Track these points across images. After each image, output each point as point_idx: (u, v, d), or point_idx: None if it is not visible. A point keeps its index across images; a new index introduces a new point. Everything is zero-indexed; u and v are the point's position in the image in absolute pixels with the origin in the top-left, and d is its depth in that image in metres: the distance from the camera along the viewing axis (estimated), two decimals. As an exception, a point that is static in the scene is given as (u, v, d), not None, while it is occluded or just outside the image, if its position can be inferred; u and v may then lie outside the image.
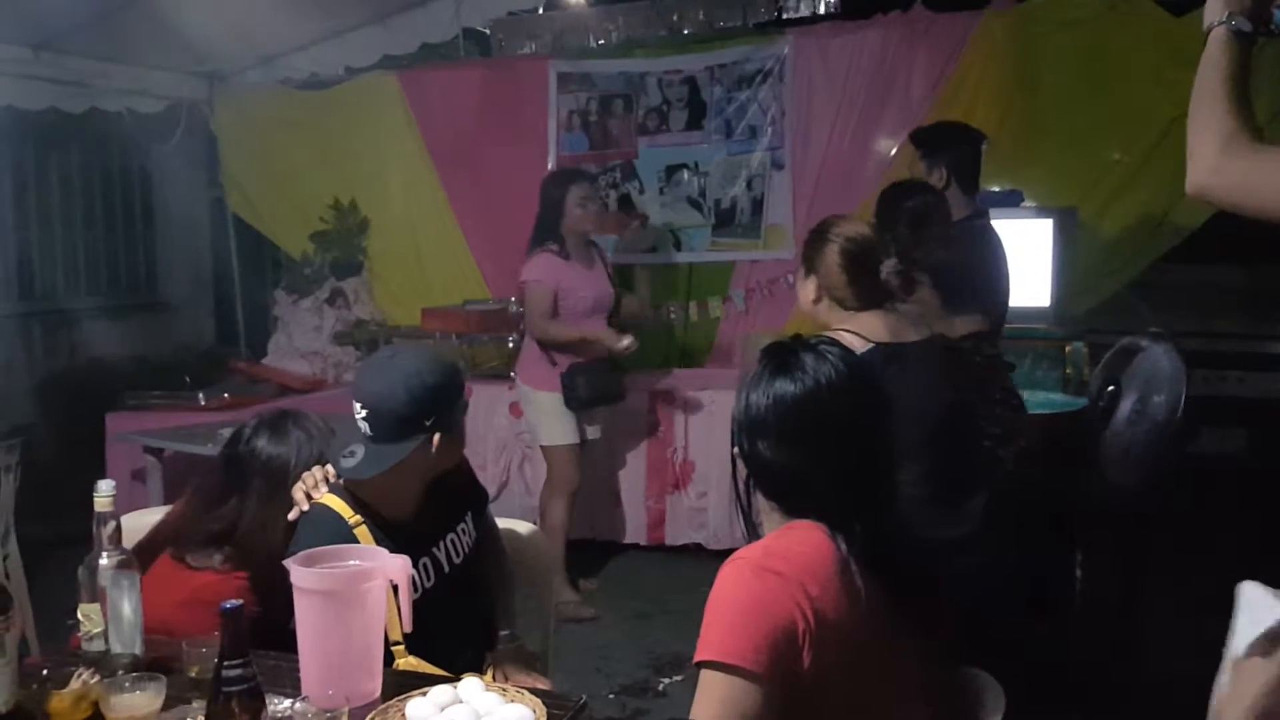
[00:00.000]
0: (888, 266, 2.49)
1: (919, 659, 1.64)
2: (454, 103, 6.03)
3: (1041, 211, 4.64)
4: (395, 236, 6.28)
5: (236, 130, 6.39)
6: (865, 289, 2.45)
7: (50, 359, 6.53)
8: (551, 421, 4.49)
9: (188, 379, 5.38)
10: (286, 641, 1.86)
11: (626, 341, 4.38)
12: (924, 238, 2.86)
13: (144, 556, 2.11)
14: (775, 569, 1.52)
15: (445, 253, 6.19)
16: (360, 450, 2.03)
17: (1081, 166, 4.94)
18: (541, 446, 4.61)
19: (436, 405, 2.06)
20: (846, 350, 1.71)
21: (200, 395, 5.16)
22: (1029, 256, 4.25)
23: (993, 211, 4.36)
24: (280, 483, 2.17)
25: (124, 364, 5.95)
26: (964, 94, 5.06)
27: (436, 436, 2.06)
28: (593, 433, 4.64)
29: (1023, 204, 4.75)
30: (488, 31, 6.27)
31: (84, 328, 6.86)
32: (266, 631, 1.84)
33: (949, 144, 3.49)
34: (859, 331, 2.37)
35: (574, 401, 4.44)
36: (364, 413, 2.03)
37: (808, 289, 2.52)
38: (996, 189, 4.69)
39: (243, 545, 2.14)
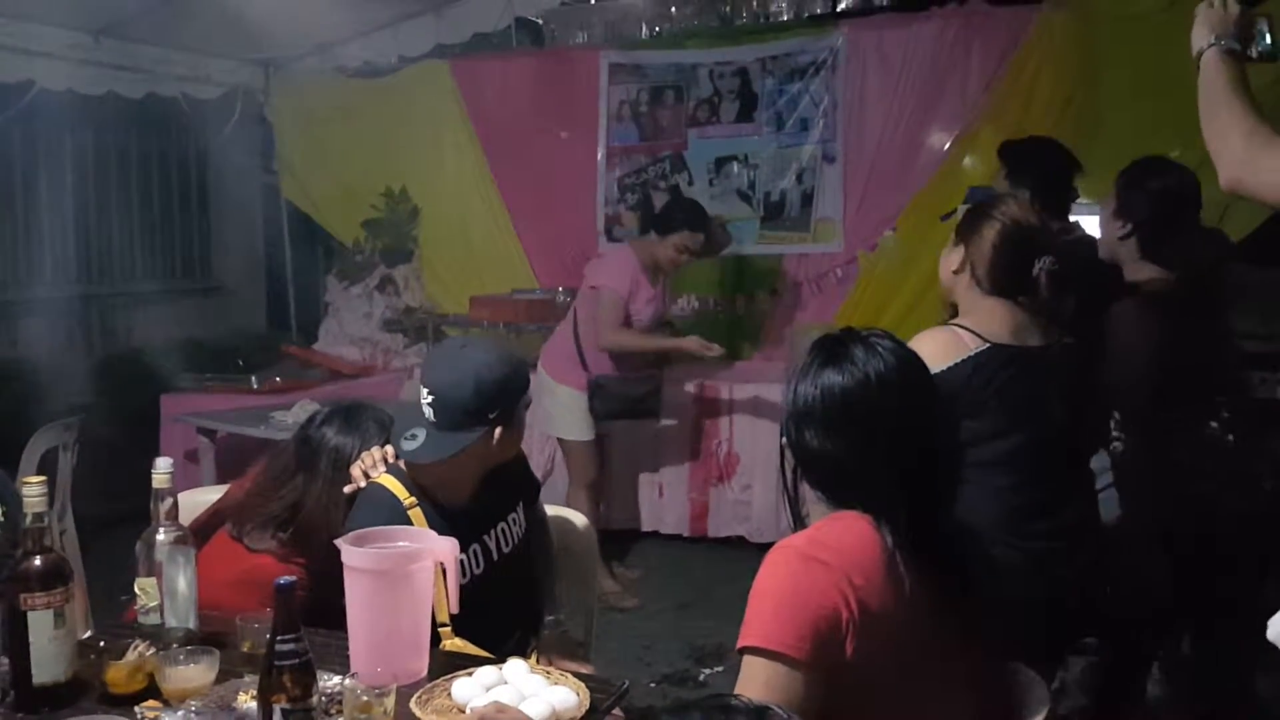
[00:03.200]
0: (1043, 262, 2.33)
1: (964, 652, 1.63)
2: (505, 92, 6.06)
3: (1095, 209, 4.56)
4: (445, 225, 6.33)
5: (291, 117, 6.47)
6: (1010, 277, 2.33)
7: (107, 341, 6.66)
8: (571, 416, 4.46)
9: (241, 362, 5.46)
10: (335, 623, 1.89)
11: (715, 351, 4.35)
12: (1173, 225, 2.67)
13: (203, 531, 2.16)
14: (820, 558, 1.52)
15: (494, 242, 6.22)
16: (422, 434, 2.05)
17: (1141, 164, 4.84)
18: (559, 439, 4.59)
19: (501, 399, 2.08)
20: (899, 344, 1.69)
21: (253, 379, 5.25)
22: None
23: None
24: (346, 470, 2.20)
25: (178, 347, 6.05)
26: (1020, 89, 4.99)
27: (498, 430, 2.09)
28: (603, 428, 4.60)
29: (1077, 201, 4.67)
30: (540, 21, 6.30)
31: (140, 311, 6.99)
32: (315, 616, 1.86)
33: (1035, 162, 3.19)
34: (976, 329, 2.29)
35: (598, 409, 4.44)
36: (430, 398, 2.05)
37: (953, 258, 2.40)
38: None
39: (304, 527, 2.17)
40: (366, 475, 2.16)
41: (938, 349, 2.22)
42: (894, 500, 1.58)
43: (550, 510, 2.57)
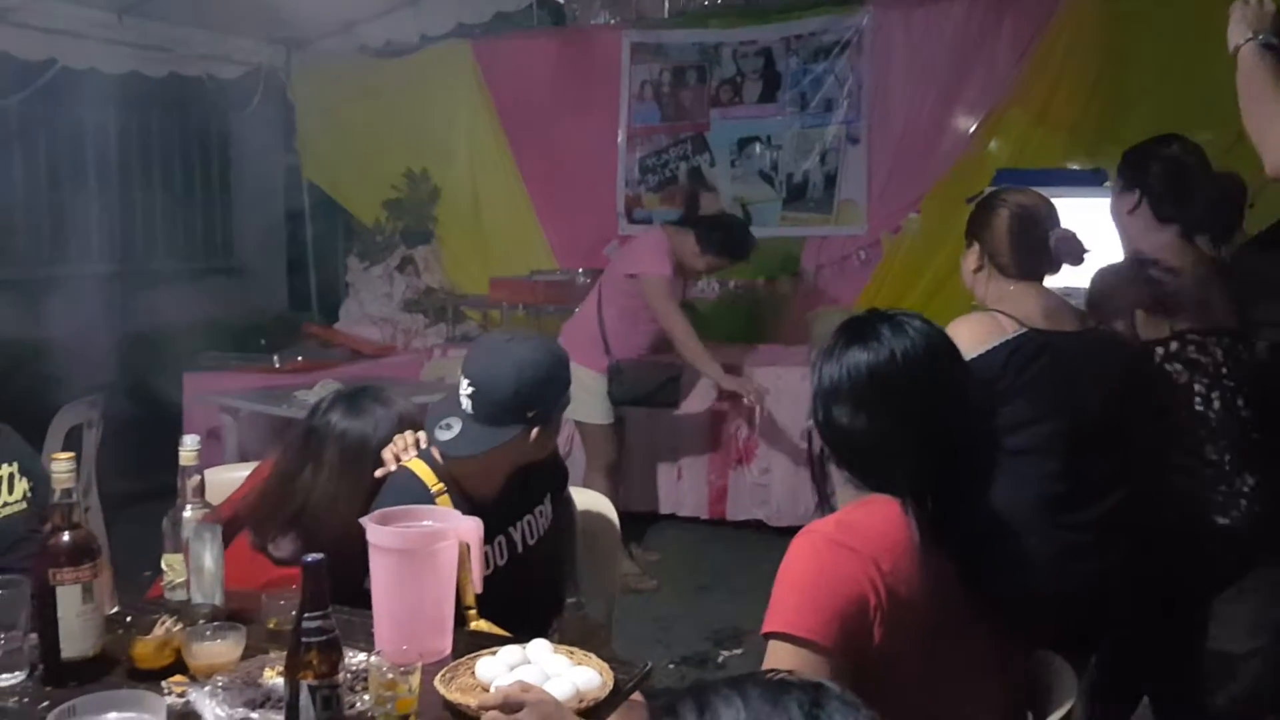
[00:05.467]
0: (1057, 234, 2.35)
1: (992, 638, 1.61)
2: (526, 72, 6.04)
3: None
4: (465, 205, 6.32)
5: (312, 97, 6.47)
6: (1031, 257, 2.34)
7: (129, 319, 6.68)
8: (589, 399, 4.40)
9: (263, 342, 5.48)
10: (354, 605, 1.89)
11: (757, 400, 4.37)
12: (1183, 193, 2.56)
13: (227, 531, 2.12)
14: (848, 543, 1.51)
15: (514, 222, 6.21)
16: (457, 425, 2.02)
17: (1168, 147, 4.79)
18: (576, 422, 4.55)
19: (542, 399, 2.05)
20: (928, 324, 1.67)
21: (275, 358, 5.27)
22: (1110, 237, 4.14)
23: (1073, 191, 4.28)
24: (355, 457, 2.17)
25: (200, 326, 6.07)
26: (1048, 71, 4.94)
27: (535, 429, 2.06)
28: (621, 411, 4.59)
29: (1106, 184, 4.62)
30: (562, 0, 6.27)
31: (162, 290, 7.01)
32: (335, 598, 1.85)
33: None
34: (1012, 313, 2.26)
35: (615, 394, 4.43)
36: (470, 390, 2.02)
37: (969, 259, 2.41)
38: (1078, 168, 4.58)
39: (314, 517, 2.13)
40: (398, 459, 2.14)
41: (976, 333, 2.21)
42: (922, 482, 1.56)
43: (572, 492, 2.55)
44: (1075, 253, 2.37)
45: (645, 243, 4.49)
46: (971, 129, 5.12)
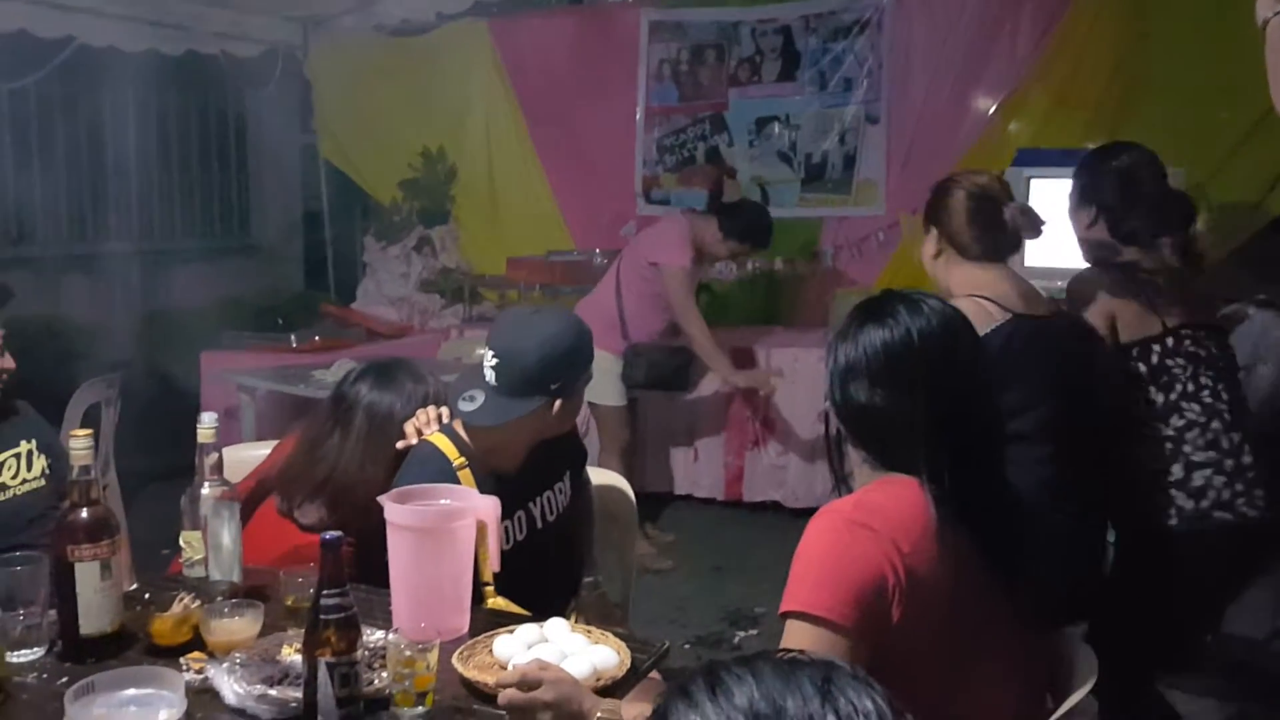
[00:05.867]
0: (1012, 208, 2.35)
1: (1011, 618, 1.60)
2: (544, 51, 6.01)
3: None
4: (482, 185, 6.31)
5: (330, 76, 6.46)
6: (990, 234, 2.34)
7: (147, 298, 6.71)
8: (604, 381, 4.30)
9: (280, 321, 5.49)
10: (378, 582, 1.89)
11: (771, 388, 4.41)
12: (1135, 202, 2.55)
13: (248, 502, 2.14)
14: (867, 523, 1.50)
15: (531, 203, 6.20)
16: (481, 396, 2.03)
17: (1190, 128, 4.73)
18: (591, 403, 4.53)
19: (565, 371, 2.06)
20: (944, 302, 1.67)
21: (292, 337, 5.28)
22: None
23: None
24: (382, 427, 2.18)
25: (218, 305, 6.09)
26: (1071, 49, 4.88)
27: (558, 402, 2.06)
28: (635, 392, 4.58)
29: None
30: (579, -22, 6.24)
31: (179, 269, 7.03)
32: (359, 574, 1.86)
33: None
34: (993, 298, 2.27)
35: (630, 377, 4.42)
36: (494, 361, 2.03)
37: (928, 245, 2.42)
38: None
39: (340, 484, 2.15)
40: (420, 433, 2.15)
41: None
42: (941, 461, 1.55)
43: (590, 473, 2.55)
44: (1033, 225, 2.37)
45: (668, 230, 4.48)
46: (992, 109, 5.07)
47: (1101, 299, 2.43)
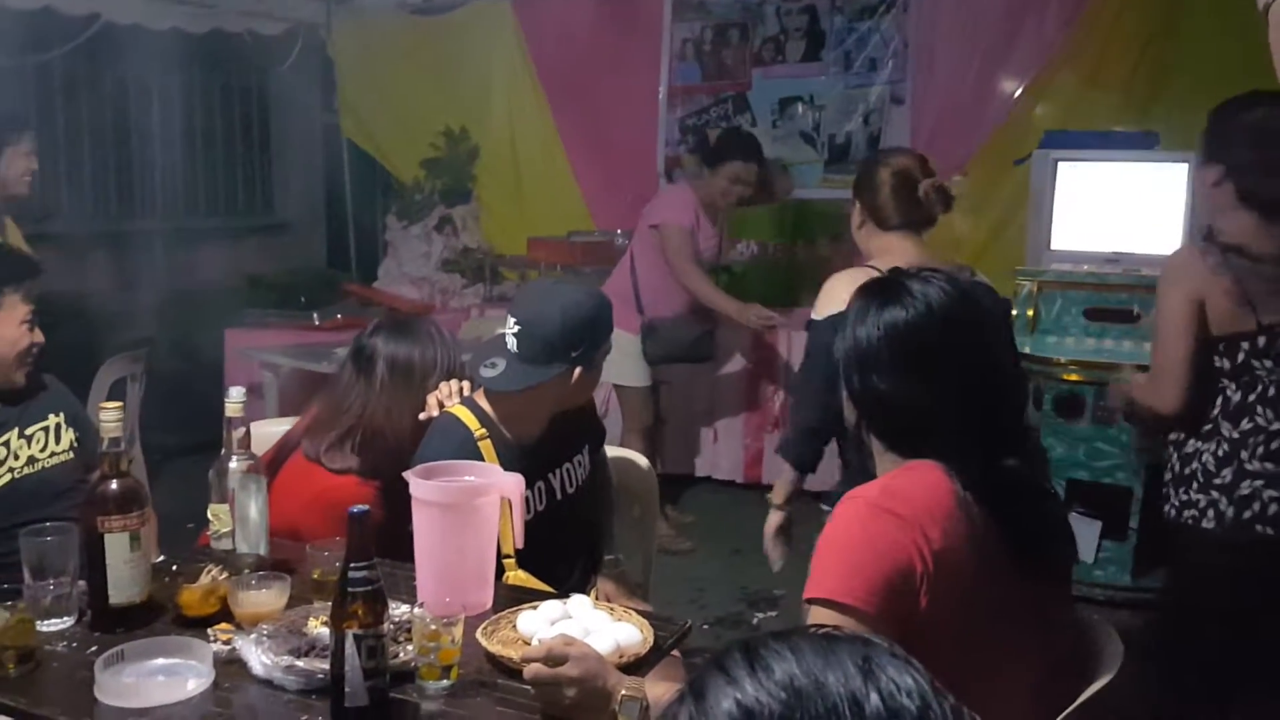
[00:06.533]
0: (926, 185, 2.51)
1: (1036, 601, 1.59)
2: (566, 30, 5.98)
3: (1177, 155, 4.41)
4: (504, 165, 6.30)
5: (353, 55, 6.45)
6: (905, 206, 2.52)
7: (171, 276, 6.74)
8: (626, 361, 4.33)
9: (303, 299, 5.51)
10: (406, 553, 1.90)
11: (774, 322, 4.40)
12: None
13: (272, 464, 2.17)
14: (894, 510, 1.48)
15: (552, 183, 6.18)
16: (502, 364, 2.06)
17: (1222, 109, 4.68)
18: (614, 385, 4.53)
19: (585, 339, 2.09)
20: (952, 278, 1.64)
21: (315, 315, 5.30)
22: (1162, 202, 4.06)
23: (1125, 154, 4.19)
24: (405, 374, 2.25)
25: (240, 283, 6.11)
26: (1099, 30, 4.82)
27: (578, 370, 2.09)
28: (659, 374, 4.58)
29: (1157, 147, 4.52)
30: (603, -43, 6.19)
31: (203, 246, 7.06)
32: (389, 541, 1.87)
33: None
34: (884, 268, 2.25)
35: (650, 353, 4.41)
36: (516, 329, 2.06)
37: (854, 216, 2.62)
38: (1129, 131, 4.48)
39: (369, 431, 2.20)
40: (441, 405, 2.17)
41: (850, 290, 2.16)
42: (965, 444, 1.53)
43: (612, 452, 2.58)
44: (945, 199, 2.54)
45: (668, 194, 4.52)
46: (1018, 90, 5.02)
47: (1193, 282, 2.32)
